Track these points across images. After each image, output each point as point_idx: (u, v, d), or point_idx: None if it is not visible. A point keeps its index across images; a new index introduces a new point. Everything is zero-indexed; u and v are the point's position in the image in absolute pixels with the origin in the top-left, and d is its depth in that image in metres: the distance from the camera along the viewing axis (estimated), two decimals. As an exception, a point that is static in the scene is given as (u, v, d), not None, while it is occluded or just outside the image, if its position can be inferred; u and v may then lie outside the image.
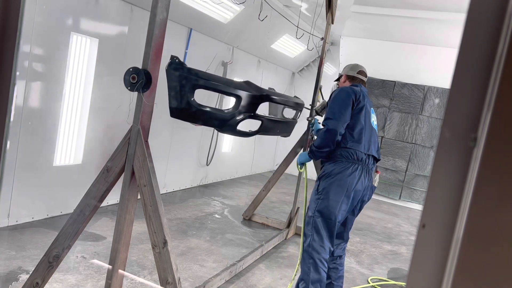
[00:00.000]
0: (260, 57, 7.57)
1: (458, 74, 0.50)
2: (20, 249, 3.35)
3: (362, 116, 2.92)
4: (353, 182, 2.83)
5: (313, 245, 2.87)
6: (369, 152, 2.91)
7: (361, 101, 2.94)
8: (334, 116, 2.84)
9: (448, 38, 6.62)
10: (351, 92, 2.94)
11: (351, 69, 3.26)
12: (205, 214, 5.24)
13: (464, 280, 0.49)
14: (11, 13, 0.70)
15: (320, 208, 2.87)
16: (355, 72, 3.22)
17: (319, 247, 2.87)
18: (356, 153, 2.85)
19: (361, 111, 2.92)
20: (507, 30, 0.47)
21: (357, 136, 2.87)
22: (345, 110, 2.85)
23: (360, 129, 2.89)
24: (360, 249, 4.89)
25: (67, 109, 4.13)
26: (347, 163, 2.85)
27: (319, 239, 2.87)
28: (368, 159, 2.92)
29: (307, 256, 2.90)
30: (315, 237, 2.87)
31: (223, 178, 7.47)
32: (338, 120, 2.82)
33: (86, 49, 4.20)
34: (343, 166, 2.85)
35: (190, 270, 3.53)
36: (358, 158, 2.86)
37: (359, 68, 3.24)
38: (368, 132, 2.94)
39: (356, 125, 2.89)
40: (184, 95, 2.38)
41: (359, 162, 2.87)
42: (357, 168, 2.85)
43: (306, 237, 2.94)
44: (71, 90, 4.13)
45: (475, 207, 0.48)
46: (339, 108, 2.87)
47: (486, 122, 0.47)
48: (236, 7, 5.62)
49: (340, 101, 2.90)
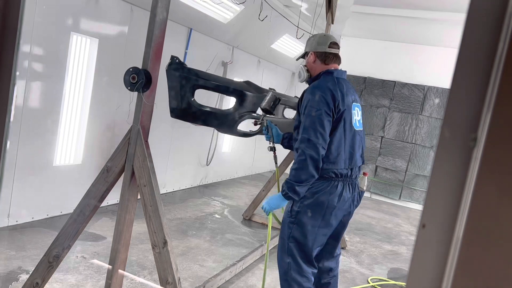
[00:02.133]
0: (260, 57, 7.57)
1: (458, 74, 0.50)
2: (20, 249, 3.35)
3: (341, 125, 2.34)
4: (333, 202, 2.35)
5: (293, 276, 2.42)
6: (351, 166, 2.41)
7: (341, 105, 2.32)
8: (312, 137, 2.22)
9: (448, 38, 6.62)
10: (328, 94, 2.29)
11: (319, 43, 2.49)
12: (205, 214, 5.24)
13: (464, 280, 0.49)
14: (11, 13, 0.70)
15: (294, 234, 2.40)
16: (325, 46, 2.47)
17: (299, 277, 2.42)
18: (334, 172, 2.35)
19: (341, 119, 2.33)
20: (507, 30, 0.47)
21: (335, 153, 2.33)
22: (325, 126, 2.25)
23: (338, 143, 2.34)
24: (360, 249, 4.89)
25: (67, 109, 4.13)
26: (324, 182, 2.35)
27: (298, 268, 2.42)
28: (350, 172, 2.43)
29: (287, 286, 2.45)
30: (292, 265, 2.42)
31: (223, 178, 7.47)
32: (318, 141, 2.22)
33: (86, 49, 4.20)
34: (320, 185, 2.34)
35: (190, 270, 3.53)
36: (337, 175, 2.36)
37: (330, 39, 2.50)
38: (348, 140, 2.39)
39: (333, 141, 2.31)
40: (184, 95, 2.38)
41: (339, 178, 2.37)
42: (337, 185, 2.36)
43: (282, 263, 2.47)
44: (71, 90, 4.13)
45: (475, 207, 0.48)
46: (317, 124, 2.23)
47: (486, 122, 0.47)
48: (236, 7, 5.62)
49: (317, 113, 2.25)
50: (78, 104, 4.25)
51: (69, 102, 4.13)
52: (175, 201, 5.60)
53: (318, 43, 2.49)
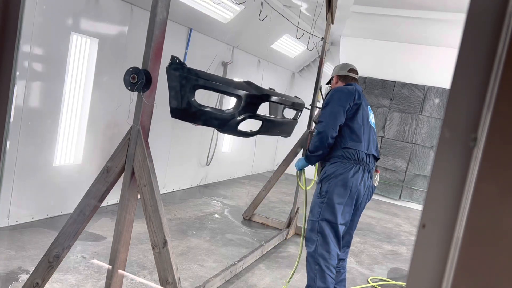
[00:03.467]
0: (260, 57, 7.57)
1: (458, 74, 0.51)
2: (20, 249, 3.35)
3: (360, 115, 2.86)
4: (356, 182, 2.77)
5: (320, 251, 2.77)
6: (368, 151, 2.86)
7: (356, 100, 2.87)
8: (325, 119, 2.81)
9: (448, 38, 6.62)
10: (345, 91, 2.88)
11: (341, 68, 3.19)
12: (205, 214, 5.24)
13: (464, 280, 0.49)
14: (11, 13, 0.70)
15: (324, 212, 2.78)
16: (345, 71, 3.15)
17: (326, 253, 2.76)
18: (357, 152, 2.79)
19: (358, 110, 2.86)
20: (507, 30, 0.47)
21: (356, 135, 2.82)
22: (338, 112, 2.79)
23: (358, 128, 2.83)
24: (360, 249, 4.89)
25: (67, 109, 4.13)
26: (349, 164, 2.79)
27: (325, 245, 2.77)
28: (368, 158, 2.86)
29: (313, 262, 2.80)
30: (321, 242, 2.77)
31: (223, 178, 7.47)
32: (329, 122, 2.78)
33: (86, 49, 4.20)
34: (345, 167, 2.78)
35: (190, 270, 3.53)
36: (359, 158, 2.80)
37: (349, 67, 3.18)
38: (366, 131, 2.88)
39: (354, 125, 2.83)
40: (185, 95, 2.38)
41: (360, 162, 2.81)
42: (359, 169, 2.80)
43: (311, 242, 2.83)
44: (71, 90, 4.13)
45: (475, 207, 0.48)
46: (331, 110, 2.82)
47: (486, 122, 0.47)
48: (236, 7, 5.62)
49: (334, 102, 2.84)
50: (78, 104, 4.25)
51: (69, 102, 4.13)
52: (175, 201, 5.60)
53: (340, 68, 3.20)
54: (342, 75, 3.14)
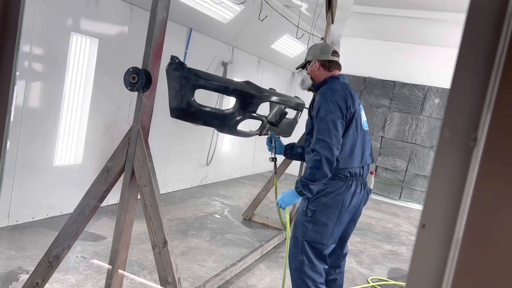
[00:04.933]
0: (260, 57, 7.57)
1: (458, 74, 0.50)
2: (20, 249, 3.35)
3: (353, 125, 2.46)
4: (347, 201, 2.47)
5: (307, 273, 2.51)
6: (363, 163, 2.54)
7: (352, 107, 2.44)
8: (327, 138, 2.31)
9: (448, 38, 6.62)
10: (340, 98, 2.41)
11: (322, 51, 2.62)
12: (205, 214, 5.24)
13: (464, 280, 0.49)
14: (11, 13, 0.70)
15: (310, 233, 2.48)
16: (329, 54, 2.61)
17: (313, 273, 2.51)
18: (349, 171, 2.47)
19: (353, 120, 2.46)
20: (507, 30, 0.47)
21: (349, 152, 2.45)
22: (338, 128, 2.36)
23: (352, 141, 2.46)
24: (360, 249, 4.89)
25: (67, 109, 4.13)
26: (340, 181, 2.46)
27: (311, 265, 2.51)
28: (362, 170, 2.55)
29: (301, 283, 2.54)
30: (306, 262, 2.51)
31: (223, 178, 7.47)
32: (333, 142, 2.31)
33: (86, 49, 4.20)
34: (335, 185, 2.45)
35: (190, 270, 3.53)
36: (352, 174, 2.48)
37: (332, 48, 2.65)
38: (360, 140, 2.52)
39: (347, 139, 2.43)
40: (184, 95, 2.38)
41: (353, 177, 2.50)
42: (352, 184, 2.49)
43: (295, 261, 2.55)
44: (71, 90, 4.13)
45: (475, 207, 0.48)
46: (331, 125, 2.34)
47: (486, 122, 0.47)
48: (236, 7, 5.62)
49: (331, 115, 2.36)
50: (78, 104, 4.24)
51: (69, 102, 4.13)
52: (175, 201, 5.60)
53: (321, 51, 2.62)
54: (326, 60, 2.60)
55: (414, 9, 6.25)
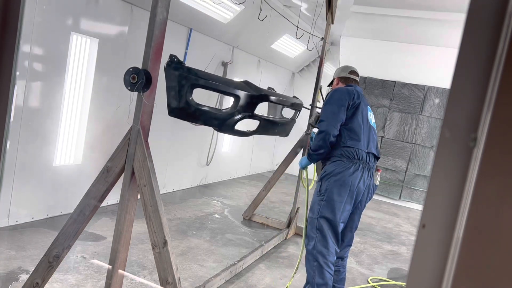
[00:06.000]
0: (260, 57, 7.57)
1: (458, 74, 0.50)
2: (20, 249, 3.35)
3: (359, 114, 2.92)
4: (356, 181, 2.82)
5: (318, 248, 2.84)
6: (368, 149, 2.91)
7: (355, 99, 2.93)
8: (326, 118, 2.87)
9: (448, 38, 6.62)
10: (345, 91, 2.95)
11: (342, 70, 3.26)
12: (205, 214, 5.24)
13: (464, 280, 0.49)
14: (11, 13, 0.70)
15: (323, 209, 2.84)
16: (346, 72, 3.22)
17: (325, 250, 2.83)
18: (357, 151, 2.85)
19: (357, 110, 2.92)
20: (507, 30, 0.47)
21: (356, 134, 2.87)
22: (338, 111, 2.86)
23: (357, 127, 2.89)
24: (360, 249, 4.89)
25: (67, 109, 4.13)
26: (348, 163, 2.84)
27: (324, 241, 2.84)
28: (368, 157, 2.91)
29: (312, 259, 2.86)
30: (320, 239, 2.84)
31: (223, 178, 7.47)
32: (330, 121, 2.84)
33: (86, 49, 4.20)
34: (344, 165, 2.84)
35: (190, 270, 3.53)
36: (358, 156, 2.85)
37: (350, 69, 3.25)
38: (366, 130, 2.94)
39: (353, 124, 2.89)
40: (183, 94, 2.38)
41: (360, 160, 2.86)
42: (359, 167, 2.85)
43: (310, 239, 2.90)
44: (71, 90, 4.13)
45: (475, 207, 0.48)
46: (332, 109, 2.88)
47: (486, 122, 0.47)
48: (236, 7, 5.62)
49: (333, 102, 2.91)
50: (78, 104, 4.24)
51: (69, 102, 4.13)
52: (175, 201, 5.60)
53: (341, 70, 3.26)
54: (343, 77, 3.21)
55: (414, 9, 6.25)
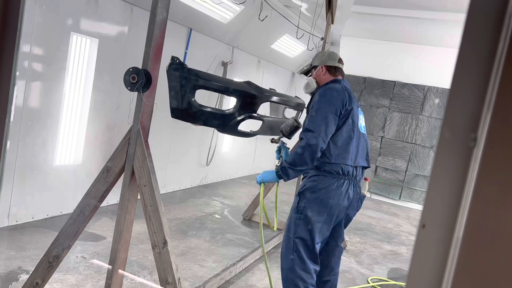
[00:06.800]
0: (260, 57, 7.57)
1: (458, 74, 0.50)
2: (20, 249, 3.35)
3: (350, 124, 2.50)
4: (338, 199, 2.47)
5: (297, 272, 2.54)
6: (356, 163, 2.53)
7: (347, 105, 2.50)
8: (315, 129, 2.37)
9: (448, 38, 6.62)
10: (337, 96, 2.48)
11: (329, 58, 2.75)
12: (205, 214, 5.24)
13: (464, 280, 0.49)
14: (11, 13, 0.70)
15: (300, 229, 2.52)
16: (335, 61, 2.73)
17: (304, 273, 2.55)
18: (342, 167, 2.46)
19: (348, 119, 2.49)
20: (507, 30, 0.47)
21: (343, 148, 2.47)
22: (329, 121, 2.40)
23: (347, 139, 2.49)
24: (360, 249, 4.89)
25: (67, 109, 4.13)
26: (332, 178, 2.47)
27: (302, 264, 2.54)
28: (355, 171, 2.54)
29: (291, 283, 2.58)
30: (297, 261, 2.55)
31: (223, 178, 7.47)
32: (320, 133, 2.36)
33: (86, 49, 4.20)
34: (326, 182, 2.46)
35: (190, 270, 3.53)
36: (344, 172, 2.48)
37: (338, 56, 2.78)
38: (355, 140, 2.53)
39: (342, 135, 2.47)
40: (185, 95, 2.38)
41: (345, 176, 2.49)
42: (343, 183, 2.48)
43: (287, 261, 2.60)
44: (71, 90, 4.13)
45: (475, 207, 0.48)
46: (322, 118, 2.39)
47: (486, 122, 0.47)
48: (236, 7, 5.62)
49: (324, 108, 2.43)
50: (78, 104, 4.24)
51: (69, 102, 4.13)
52: (175, 201, 5.59)
53: (329, 57, 2.75)
54: (332, 66, 2.72)
55: (414, 9, 6.25)
